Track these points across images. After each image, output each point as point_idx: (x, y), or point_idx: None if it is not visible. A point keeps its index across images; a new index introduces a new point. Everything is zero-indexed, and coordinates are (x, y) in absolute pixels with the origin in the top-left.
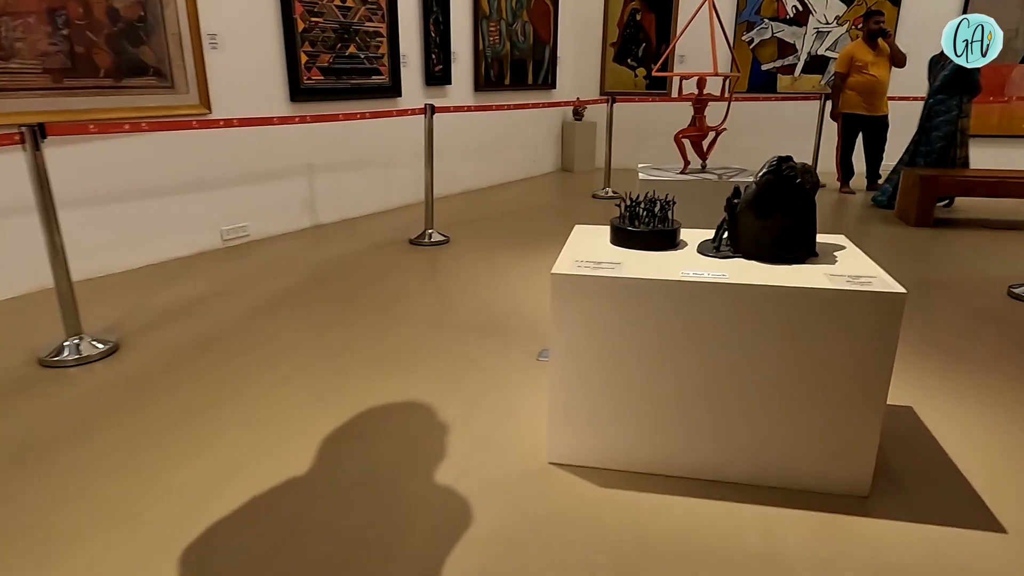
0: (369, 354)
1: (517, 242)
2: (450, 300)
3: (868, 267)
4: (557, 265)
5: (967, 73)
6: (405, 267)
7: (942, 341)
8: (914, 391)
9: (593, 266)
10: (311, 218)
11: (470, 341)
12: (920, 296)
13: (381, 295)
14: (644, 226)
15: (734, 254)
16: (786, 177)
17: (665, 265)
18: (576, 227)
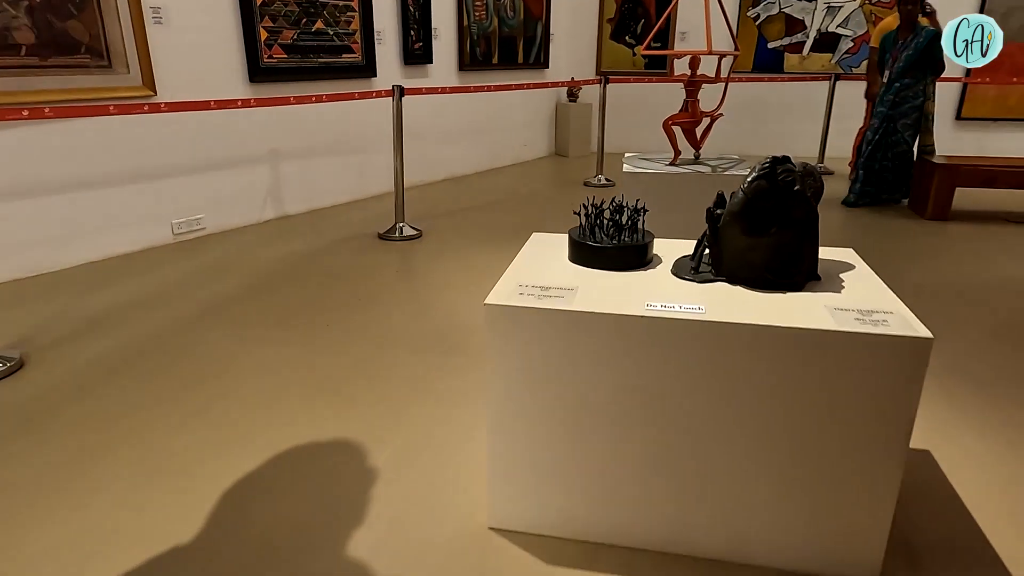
0: (306, 378)
1: (497, 237)
2: (412, 308)
3: (883, 297)
4: (495, 292)
5: (932, 51)
6: (368, 267)
7: (963, 363)
8: (931, 431)
9: (539, 293)
10: (276, 209)
11: (427, 360)
12: (936, 306)
13: (335, 302)
14: (608, 240)
15: (716, 277)
16: (782, 183)
17: (630, 292)
18: (533, 236)
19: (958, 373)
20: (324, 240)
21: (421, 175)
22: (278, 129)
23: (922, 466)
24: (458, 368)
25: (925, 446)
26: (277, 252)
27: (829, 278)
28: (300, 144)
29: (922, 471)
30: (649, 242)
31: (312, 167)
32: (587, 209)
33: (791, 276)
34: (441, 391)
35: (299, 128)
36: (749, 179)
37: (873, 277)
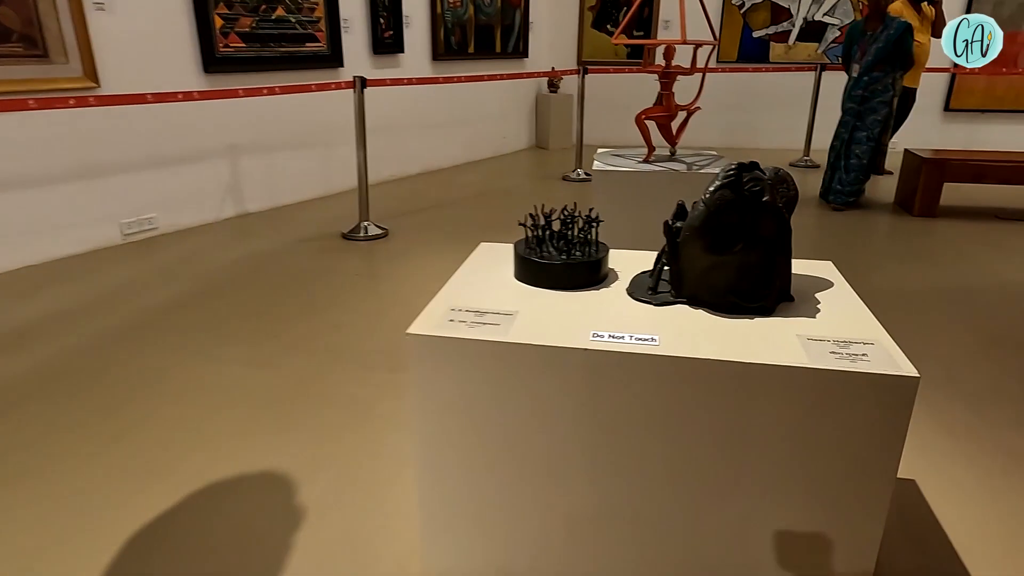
0: (242, 398)
1: (467, 236)
2: (367, 317)
3: (864, 324)
4: (422, 318)
5: (903, 44)
6: (327, 270)
7: (953, 378)
8: (917, 457)
9: (472, 320)
10: (235, 206)
11: (375, 378)
12: (924, 313)
13: (287, 309)
14: (557, 255)
15: (675, 299)
16: (749, 194)
17: (576, 317)
18: (480, 246)
19: (947, 388)
20: (284, 240)
21: (394, 169)
22: (237, 122)
23: (907, 497)
24: (405, 387)
25: (910, 474)
26: (233, 253)
27: (804, 299)
28: (261, 138)
29: (907, 505)
30: (603, 257)
31: (274, 162)
32: (534, 220)
33: (759, 299)
34: (385, 414)
35: (259, 121)
36: (711, 189)
37: (853, 297)
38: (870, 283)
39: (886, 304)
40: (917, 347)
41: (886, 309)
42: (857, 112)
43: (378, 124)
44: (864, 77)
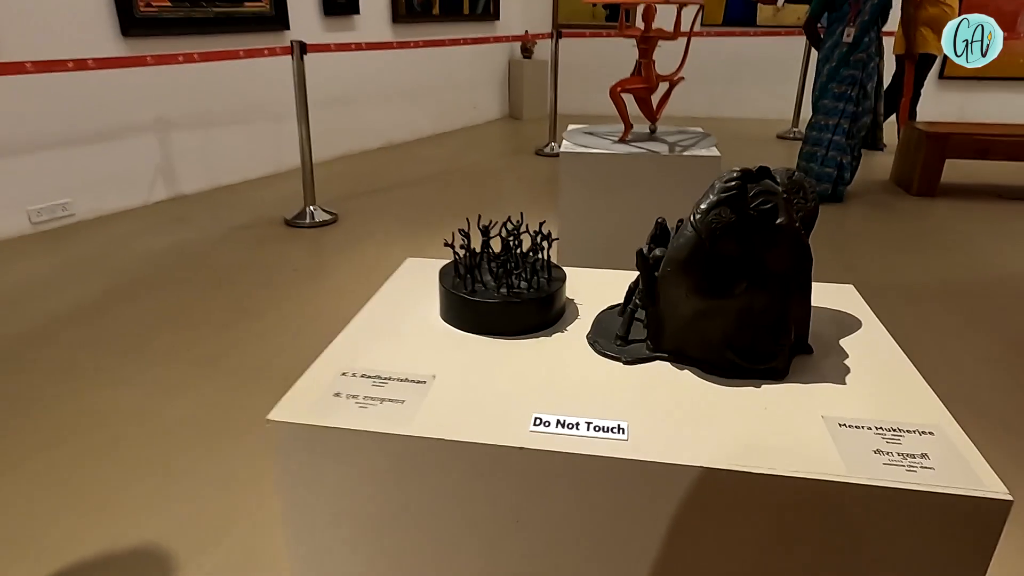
0: (127, 439)
1: (428, 222)
2: (299, 324)
3: (914, 391)
4: (295, 393)
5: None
6: (264, 263)
7: (980, 396)
8: None
9: (367, 392)
10: (168, 188)
11: None
12: (931, 311)
13: (208, 314)
14: (495, 287)
15: (653, 353)
16: (757, 214)
17: (514, 384)
18: (405, 264)
19: (974, 409)
20: (220, 227)
21: (351, 144)
22: (165, 94)
23: None
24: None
25: None
26: (159, 243)
27: (825, 349)
28: (196, 111)
29: None
30: (556, 291)
31: (213, 138)
32: (464, 240)
33: (768, 360)
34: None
35: (194, 92)
36: (703, 206)
37: (888, 343)
38: (869, 276)
39: (889, 302)
40: (931, 356)
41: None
42: (859, 81)
43: (333, 94)
44: (864, 38)
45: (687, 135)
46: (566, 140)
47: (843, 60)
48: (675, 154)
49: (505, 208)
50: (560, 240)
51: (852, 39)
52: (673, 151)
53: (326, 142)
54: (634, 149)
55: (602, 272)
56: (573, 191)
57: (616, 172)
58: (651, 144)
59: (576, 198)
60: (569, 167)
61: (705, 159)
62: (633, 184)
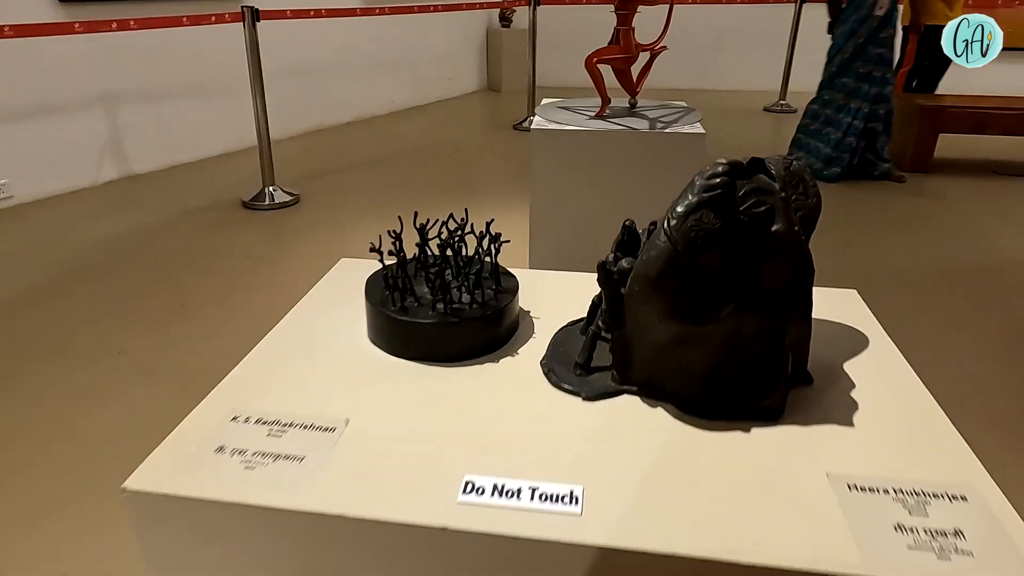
0: (36, 464)
1: (397, 203)
2: (243, 323)
3: (938, 435)
4: (163, 450)
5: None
6: (215, 251)
7: (982, 394)
8: None
9: (256, 448)
10: (119, 167)
11: None
12: (929, 298)
13: (142, 314)
14: (430, 302)
15: (618, 385)
16: (748, 219)
17: (444, 431)
18: (339, 264)
19: (976, 409)
20: (172, 210)
21: (319, 118)
22: (113, 64)
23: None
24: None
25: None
26: (103, 229)
27: (828, 379)
28: (146, 84)
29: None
30: (505, 306)
31: (166, 113)
32: (395, 242)
33: (760, 397)
34: None
35: (142, 63)
36: (679, 208)
37: (903, 368)
38: (862, 260)
39: (883, 288)
40: (928, 347)
41: (884, 295)
42: (887, 60)
43: (298, 64)
44: (894, 11)
45: (670, 110)
46: (538, 116)
47: (872, 36)
48: (656, 131)
49: (480, 189)
50: (532, 227)
51: (885, 12)
52: (654, 128)
53: (290, 116)
54: (611, 126)
55: (566, 275)
56: (546, 172)
57: (592, 151)
58: (630, 120)
59: (549, 180)
60: (541, 146)
61: (689, 137)
62: (611, 164)
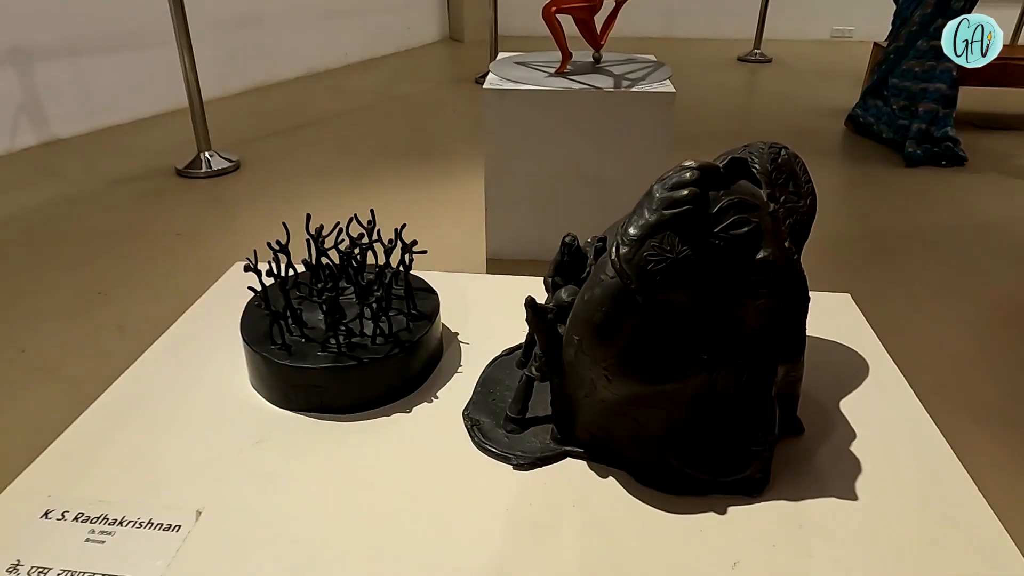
0: None
1: (348, 169)
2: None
3: (961, 505)
4: None
5: None
6: (140, 228)
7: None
8: None
9: (68, 559)
10: (37, 132)
11: None
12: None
13: (50, 304)
14: (324, 340)
15: (560, 447)
16: (730, 241)
17: (325, 536)
18: (233, 270)
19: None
20: (97, 180)
21: (263, 73)
22: (25, 15)
23: None
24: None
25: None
26: (19, 202)
27: (820, 423)
28: (67, 36)
29: None
30: (420, 339)
31: (89, 70)
32: (277, 258)
33: (739, 469)
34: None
35: (61, 12)
36: (634, 231)
37: (913, 406)
38: (840, 224)
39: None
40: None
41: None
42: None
43: (240, 13)
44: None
45: (637, 65)
46: (492, 74)
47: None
48: (621, 90)
49: (438, 152)
50: (488, 199)
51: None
52: (619, 86)
53: (230, 72)
54: (572, 84)
55: (507, 280)
56: (500, 137)
57: (550, 113)
58: (593, 78)
59: (504, 146)
60: (494, 107)
61: (657, 96)
62: (571, 128)
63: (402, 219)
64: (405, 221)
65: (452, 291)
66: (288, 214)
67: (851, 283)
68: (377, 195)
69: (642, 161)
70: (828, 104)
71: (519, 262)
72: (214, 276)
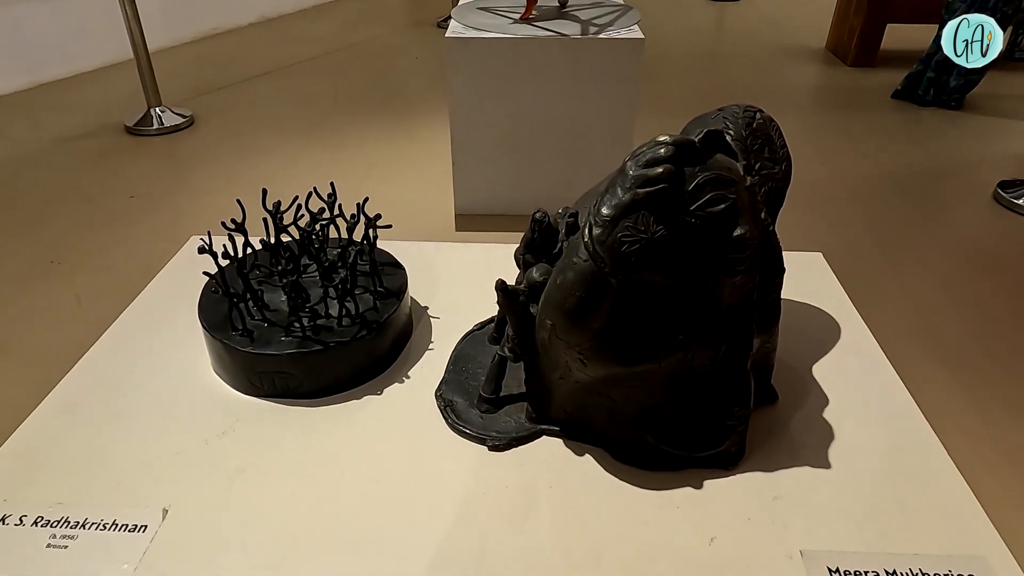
0: None
1: (308, 121)
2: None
3: (935, 474)
4: None
5: None
6: (90, 191)
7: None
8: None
9: (28, 566)
10: None
11: None
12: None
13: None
14: (288, 323)
15: (535, 426)
16: (705, 220)
17: (299, 530)
18: (190, 244)
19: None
20: (41, 139)
21: (213, 20)
22: None
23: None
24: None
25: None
26: None
27: (794, 389)
28: None
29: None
30: (388, 317)
31: (23, 18)
32: (233, 234)
33: (714, 444)
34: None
35: None
36: (607, 211)
37: (887, 372)
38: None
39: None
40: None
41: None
42: None
43: None
44: None
45: (604, 9)
46: (454, 21)
47: None
48: (587, 37)
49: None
50: (455, 154)
51: None
52: (585, 32)
53: (177, 20)
54: (536, 31)
55: (477, 248)
56: (465, 88)
57: (513, 62)
58: (558, 24)
59: (469, 97)
60: (457, 57)
61: (624, 43)
62: (536, 77)
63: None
64: (369, 176)
65: (420, 262)
66: (247, 172)
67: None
68: (339, 149)
69: (611, 110)
70: (799, 43)
71: (488, 217)
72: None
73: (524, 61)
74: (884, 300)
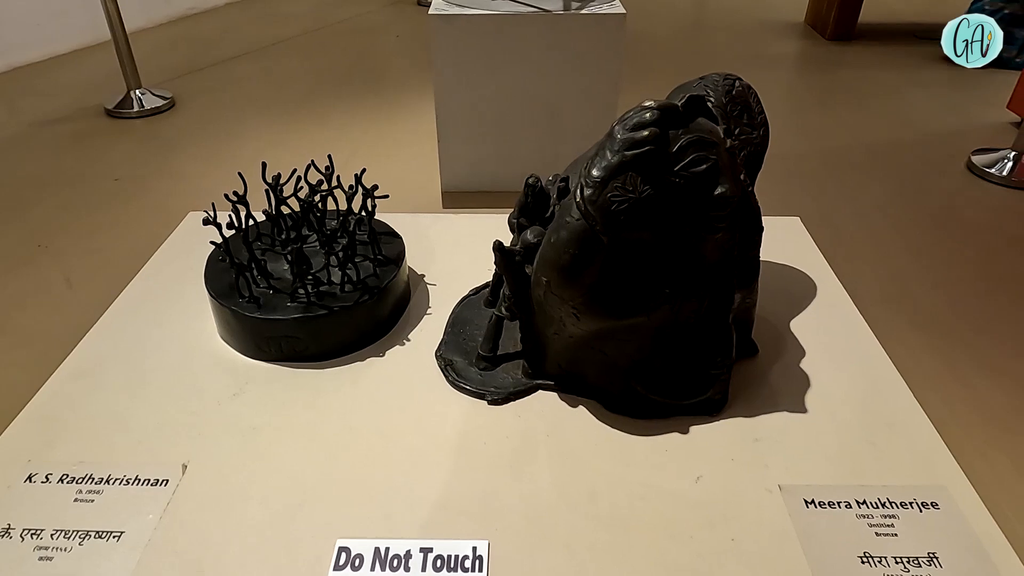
0: None
1: (289, 102)
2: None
3: (900, 415)
4: None
5: None
6: (73, 174)
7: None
8: None
9: (60, 517)
10: None
11: None
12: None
13: None
14: (292, 290)
15: (531, 381)
16: (684, 182)
17: (314, 480)
18: (187, 220)
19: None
20: (19, 123)
21: (190, 1)
22: None
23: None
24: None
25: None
26: None
27: (774, 343)
28: None
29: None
30: (388, 283)
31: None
32: (236, 209)
33: (699, 392)
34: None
35: None
36: (597, 173)
37: (858, 324)
38: (786, 143)
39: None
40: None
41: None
42: None
43: None
44: None
45: None
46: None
47: None
48: (569, 12)
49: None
50: (440, 130)
51: None
52: (568, 8)
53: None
54: (519, 7)
55: (470, 219)
56: (448, 65)
57: (496, 38)
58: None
59: (453, 74)
60: (441, 33)
61: (606, 18)
62: (520, 53)
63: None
64: (355, 155)
65: (415, 233)
66: (231, 154)
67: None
68: (323, 129)
69: (595, 85)
70: (778, 18)
71: (475, 194)
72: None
73: (508, 37)
74: (859, 265)
